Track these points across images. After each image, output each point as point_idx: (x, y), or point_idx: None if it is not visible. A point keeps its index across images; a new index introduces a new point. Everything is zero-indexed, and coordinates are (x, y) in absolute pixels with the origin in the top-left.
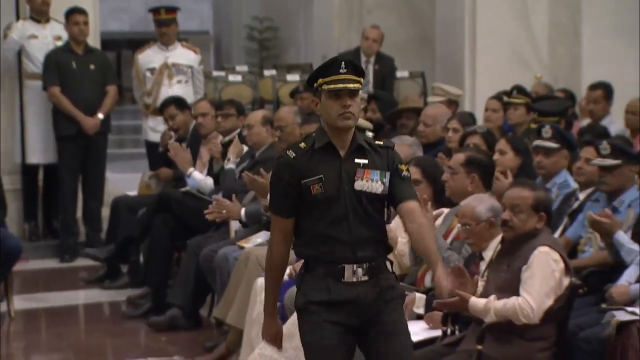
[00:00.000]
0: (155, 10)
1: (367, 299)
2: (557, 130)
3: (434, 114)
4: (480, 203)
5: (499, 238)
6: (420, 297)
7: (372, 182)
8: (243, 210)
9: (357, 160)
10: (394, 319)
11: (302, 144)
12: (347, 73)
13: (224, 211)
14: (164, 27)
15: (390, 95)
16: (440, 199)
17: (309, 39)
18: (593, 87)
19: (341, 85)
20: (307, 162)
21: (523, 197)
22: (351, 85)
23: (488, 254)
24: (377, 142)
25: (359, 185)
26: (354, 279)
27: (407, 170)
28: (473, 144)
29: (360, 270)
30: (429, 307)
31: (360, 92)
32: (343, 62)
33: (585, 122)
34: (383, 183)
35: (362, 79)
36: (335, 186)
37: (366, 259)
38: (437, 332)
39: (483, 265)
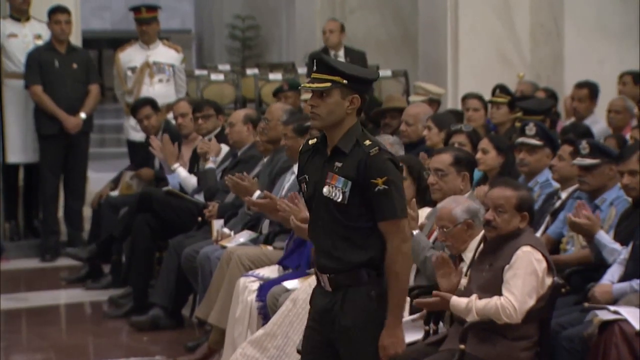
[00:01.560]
0: (136, 9)
1: (329, 313)
2: (541, 128)
3: (416, 113)
4: (457, 205)
5: (478, 238)
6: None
7: (335, 189)
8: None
9: (336, 163)
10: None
11: (313, 140)
12: (317, 72)
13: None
14: (145, 25)
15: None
16: (424, 197)
17: (291, 38)
18: (579, 85)
19: (306, 85)
20: (306, 159)
21: (506, 196)
22: (313, 85)
23: (468, 255)
24: (366, 141)
25: (326, 190)
26: (324, 289)
27: (385, 183)
28: (458, 142)
29: (326, 280)
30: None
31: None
32: (315, 60)
33: (569, 121)
34: (343, 193)
35: (338, 78)
36: (313, 188)
37: (326, 270)
38: (421, 333)
39: (463, 267)
